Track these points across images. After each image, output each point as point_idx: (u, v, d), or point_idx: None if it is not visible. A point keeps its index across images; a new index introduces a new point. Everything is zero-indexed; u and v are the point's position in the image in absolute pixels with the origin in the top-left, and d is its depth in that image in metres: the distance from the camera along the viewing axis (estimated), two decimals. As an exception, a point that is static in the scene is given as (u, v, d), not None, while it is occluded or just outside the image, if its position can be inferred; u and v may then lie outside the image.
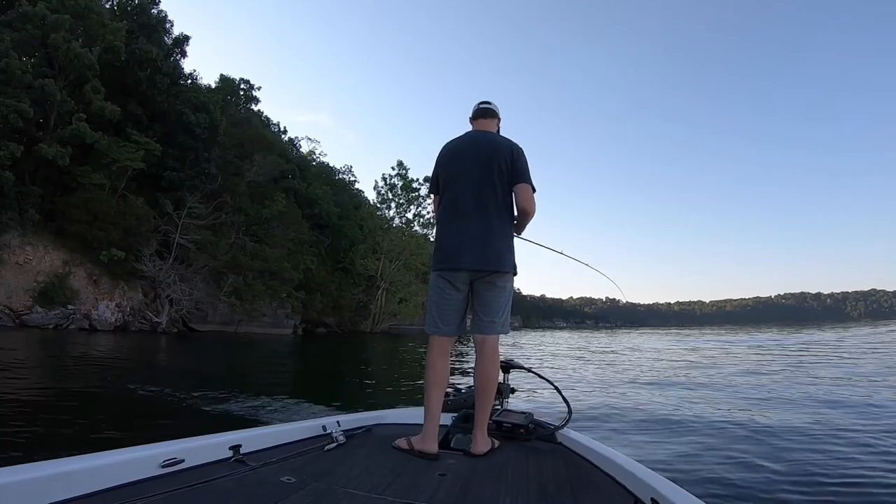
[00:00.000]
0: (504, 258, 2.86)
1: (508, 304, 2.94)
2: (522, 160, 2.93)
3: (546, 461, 2.63)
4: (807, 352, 21.87)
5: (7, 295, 26.85)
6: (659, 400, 9.25)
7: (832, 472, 4.57)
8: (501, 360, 3.56)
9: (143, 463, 1.94)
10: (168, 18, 40.77)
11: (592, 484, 2.30)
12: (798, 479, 4.40)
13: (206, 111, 37.86)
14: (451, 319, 2.92)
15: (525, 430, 3.03)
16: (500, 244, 2.85)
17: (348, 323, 54.57)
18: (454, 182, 2.96)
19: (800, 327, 74.44)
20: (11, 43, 27.74)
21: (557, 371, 15.31)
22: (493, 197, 2.86)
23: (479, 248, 2.81)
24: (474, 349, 2.91)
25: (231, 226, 39.49)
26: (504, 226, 2.90)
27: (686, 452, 5.36)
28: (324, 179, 59.86)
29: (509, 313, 2.94)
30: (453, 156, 3.04)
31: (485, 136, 3.06)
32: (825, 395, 9.21)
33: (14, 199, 27.33)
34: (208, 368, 15.56)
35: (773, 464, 4.81)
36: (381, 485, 2.13)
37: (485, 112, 3.18)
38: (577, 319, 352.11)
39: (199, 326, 36.58)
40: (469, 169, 2.92)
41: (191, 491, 1.84)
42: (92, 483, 1.75)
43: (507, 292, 2.92)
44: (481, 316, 2.89)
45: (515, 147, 2.96)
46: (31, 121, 28.11)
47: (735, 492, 4.13)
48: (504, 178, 2.87)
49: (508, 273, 2.89)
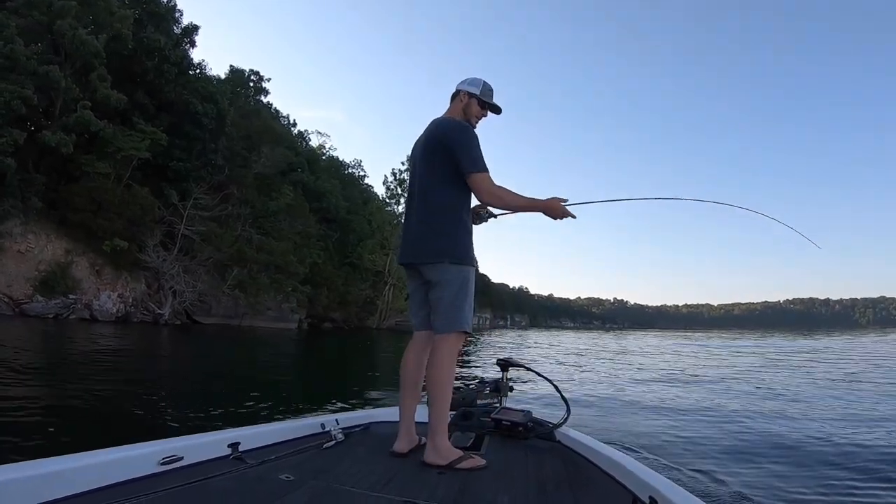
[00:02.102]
0: (438, 248, 2.63)
1: (457, 300, 2.63)
2: (456, 139, 2.65)
3: (545, 459, 2.64)
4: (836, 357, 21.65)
5: (7, 283, 26.47)
6: (660, 398, 9.45)
7: (831, 471, 4.63)
8: (500, 358, 3.78)
9: (142, 460, 1.94)
10: (178, 8, 40.53)
11: (591, 482, 2.31)
12: (800, 478, 4.45)
13: (214, 101, 37.44)
14: (415, 312, 2.84)
15: (523, 428, 3.02)
16: (435, 234, 2.64)
17: (355, 319, 54.22)
18: (411, 175, 2.90)
19: (809, 332, 75.66)
20: (17, 29, 27.25)
21: (559, 370, 15.31)
22: (432, 183, 2.69)
23: (411, 241, 2.72)
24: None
25: (237, 218, 38.99)
26: (445, 213, 2.66)
27: (685, 450, 5.44)
28: (333, 173, 59.52)
29: (462, 309, 2.64)
30: (413, 150, 2.91)
31: (434, 121, 2.85)
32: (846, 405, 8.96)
33: (17, 186, 26.88)
34: (207, 363, 15.13)
35: (773, 461, 4.91)
36: (380, 482, 2.12)
37: (453, 95, 2.93)
38: (585, 320, 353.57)
39: (202, 319, 36.12)
40: (416, 159, 2.80)
41: (190, 488, 1.83)
42: (91, 480, 1.74)
43: (450, 286, 2.62)
44: (431, 312, 2.72)
45: (452, 124, 2.73)
46: (35, 108, 27.71)
47: (735, 490, 4.13)
48: (442, 160, 2.66)
49: (443, 264, 2.62)
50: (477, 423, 3.15)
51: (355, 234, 55.71)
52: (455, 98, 2.89)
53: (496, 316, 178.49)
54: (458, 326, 2.61)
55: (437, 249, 2.63)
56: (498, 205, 2.71)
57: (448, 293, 2.61)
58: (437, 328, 2.65)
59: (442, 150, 2.65)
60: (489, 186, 2.61)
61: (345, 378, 13.32)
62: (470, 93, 2.84)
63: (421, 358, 2.77)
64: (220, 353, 18.96)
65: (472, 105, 2.85)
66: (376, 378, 13.48)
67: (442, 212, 2.66)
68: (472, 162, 2.60)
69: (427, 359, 2.71)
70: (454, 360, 2.65)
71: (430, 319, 2.73)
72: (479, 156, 2.63)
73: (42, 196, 28.66)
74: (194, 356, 17.27)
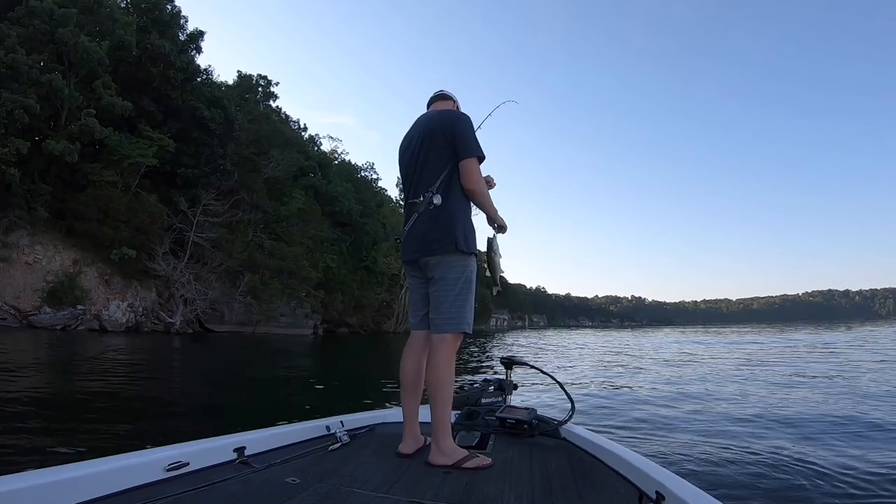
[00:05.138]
0: (443, 237, 2.58)
1: (459, 298, 2.59)
2: (461, 127, 2.68)
3: (550, 457, 2.62)
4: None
5: (15, 295, 26.11)
6: (664, 395, 9.34)
7: (834, 468, 4.48)
8: (504, 356, 3.75)
9: (149, 467, 1.92)
10: (182, 14, 39.94)
11: (597, 479, 2.29)
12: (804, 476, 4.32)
13: (222, 106, 36.97)
14: (415, 311, 2.81)
15: (528, 425, 3.01)
16: (440, 225, 2.59)
17: (371, 323, 53.80)
18: (403, 170, 2.85)
19: (830, 325, 77.29)
20: (18, 39, 26.97)
21: (567, 368, 15.26)
22: (434, 174, 2.64)
23: (417, 235, 2.66)
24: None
25: (248, 223, 38.52)
26: (446, 204, 2.60)
27: (689, 446, 5.35)
28: (345, 177, 59.07)
29: (464, 309, 2.59)
30: (405, 146, 2.86)
31: (428, 113, 2.90)
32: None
33: (22, 197, 26.59)
34: (216, 372, 14.56)
35: (775, 461, 4.75)
36: (386, 483, 2.10)
37: (440, 96, 2.99)
38: (603, 318, 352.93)
39: (215, 327, 35.61)
40: (415, 150, 2.75)
41: (196, 494, 1.82)
42: (98, 488, 1.73)
43: (453, 284, 2.58)
44: (431, 310, 2.67)
45: (454, 115, 2.76)
46: (39, 117, 27.28)
47: (742, 485, 4.09)
48: (445, 149, 2.65)
49: (448, 254, 2.58)
50: (482, 422, 3.14)
51: (369, 237, 55.27)
52: (447, 100, 2.96)
53: (514, 316, 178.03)
54: (459, 327, 2.57)
55: (442, 239, 2.57)
56: (476, 192, 2.67)
57: (451, 292, 2.57)
58: (437, 327, 2.59)
59: (448, 138, 2.64)
60: (478, 175, 2.65)
61: (363, 384, 12.78)
62: (455, 100, 2.98)
63: (420, 358, 2.73)
64: (231, 361, 18.33)
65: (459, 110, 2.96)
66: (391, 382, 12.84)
67: (447, 204, 2.61)
68: (475, 146, 2.65)
69: (426, 359, 2.67)
70: (453, 359, 2.59)
71: (429, 319, 2.68)
72: (478, 143, 2.69)
73: (49, 206, 28.33)
74: (204, 365, 16.65)
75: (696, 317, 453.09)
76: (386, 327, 55.02)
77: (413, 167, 2.74)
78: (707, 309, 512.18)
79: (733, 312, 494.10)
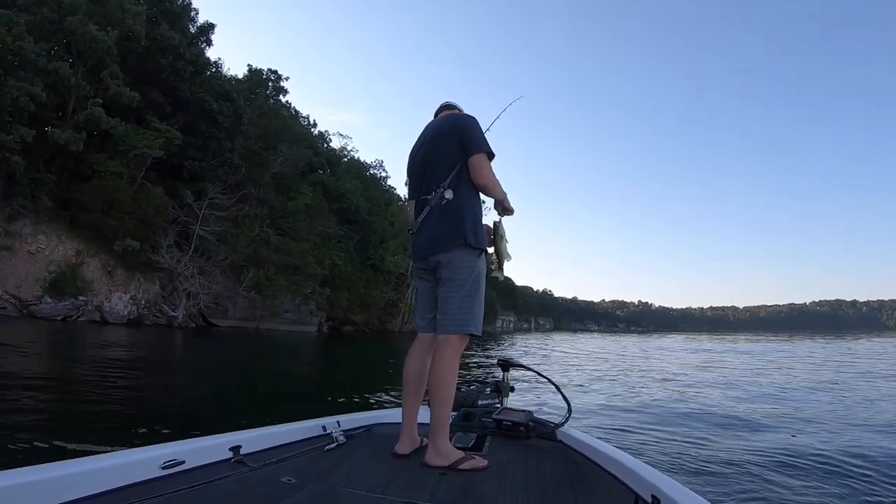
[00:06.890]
0: (454, 234, 2.60)
1: (468, 299, 2.59)
2: (469, 127, 2.73)
3: (546, 459, 2.62)
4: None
5: (17, 284, 25.85)
6: (662, 398, 9.48)
7: (832, 469, 4.62)
8: (501, 358, 3.83)
9: (144, 465, 1.91)
10: (193, 6, 39.87)
11: (593, 482, 2.29)
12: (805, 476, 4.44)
13: (230, 99, 36.69)
14: (423, 314, 2.81)
15: (525, 428, 3.01)
16: (450, 223, 2.62)
17: (376, 321, 53.48)
18: (413, 171, 2.89)
19: (837, 335, 77.98)
20: (26, 26, 26.67)
21: (567, 371, 15.33)
22: (445, 171, 2.68)
23: (427, 234, 2.69)
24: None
25: (254, 218, 38.17)
26: (456, 199, 2.63)
27: (686, 450, 5.39)
28: (354, 174, 58.77)
29: (472, 310, 2.60)
30: (416, 150, 2.92)
31: (436, 120, 2.96)
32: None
33: (26, 185, 26.34)
34: (219, 368, 14.27)
35: (775, 461, 4.88)
36: (382, 484, 2.09)
37: (446, 106, 3.02)
38: (609, 322, 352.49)
39: (218, 322, 35.23)
40: (425, 152, 2.81)
41: (191, 492, 1.82)
42: (93, 485, 1.72)
43: (462, 285, 2.59)
44: (438, 311, 2.68)
45: (462, 116, 2.84)
46: (45, 105, 27.09)
47: (738, 489, 4.12)
48: (454, 148, 2.69)
49: (459, 249, 2.59)
50: (478, 424, 3.16)
51: (377, 235, 54.90)
52: (453, 108, 2.98)
53: (520, 319, 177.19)
54: (466, 328, 2.57)
55: (451, 234, 2.60)
56: (488, 185, 2.72)
57: (458, 293, 2.58)
58: (443, 328, 2.60)
59: (457, 137, 2.69)
60: (489, 170, 2.70)
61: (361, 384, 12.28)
62: (460, 109, 3.00)
63: (424, 359, 2.74)
64: (232, 357, 17.94)
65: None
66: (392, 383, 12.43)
67: (457, 199, 2.64)
68: (483, 143, 2.70)
69: (430, 361, 2.67)
70: (457, 361, 2.61)
71: (436, 321, 2.69)
72: (486, 140, 2.74)
73: (53, 196, 28.12)
74: (204, 361, 16.27)
75: (703, 323, 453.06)
76: (391, 326, 54.67)
77: (424, 167, 2.78)
78: (714, 316, 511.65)
79: (740, 320, 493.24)
